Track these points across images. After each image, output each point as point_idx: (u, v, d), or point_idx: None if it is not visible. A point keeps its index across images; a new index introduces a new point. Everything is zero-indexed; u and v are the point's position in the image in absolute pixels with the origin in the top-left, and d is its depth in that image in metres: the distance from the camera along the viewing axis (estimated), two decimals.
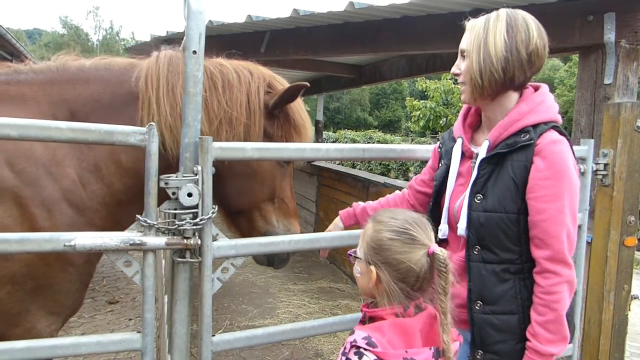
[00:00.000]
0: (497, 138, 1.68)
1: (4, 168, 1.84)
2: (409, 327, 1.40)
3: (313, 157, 2.01)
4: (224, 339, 1.87)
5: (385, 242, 1.43)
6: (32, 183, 1.87)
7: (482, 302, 1.67)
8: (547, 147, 1.60)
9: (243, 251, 1.85)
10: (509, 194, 1.63)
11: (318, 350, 4.47)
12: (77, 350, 1.70)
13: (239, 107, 2.10)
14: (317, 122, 9.12)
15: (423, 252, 1.41)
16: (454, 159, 1.82)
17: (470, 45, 1.68)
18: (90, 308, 5.26)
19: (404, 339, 1.38)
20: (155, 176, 1.67)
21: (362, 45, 4.57)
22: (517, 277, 1.65)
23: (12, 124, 1.55)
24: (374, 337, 1.34)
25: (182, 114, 1.78)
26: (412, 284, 1.42)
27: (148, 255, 1.69)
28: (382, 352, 1.32)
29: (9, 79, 2.04)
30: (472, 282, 1.68)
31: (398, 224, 1.46)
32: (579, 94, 3.55)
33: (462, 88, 1.76)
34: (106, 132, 1.66)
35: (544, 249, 1.58)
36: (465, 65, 1.71)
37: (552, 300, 1.56)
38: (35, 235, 1.62)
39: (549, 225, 1.57)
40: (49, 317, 1.99)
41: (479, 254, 1.68)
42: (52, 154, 1.93)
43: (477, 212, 1.67)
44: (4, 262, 1.83)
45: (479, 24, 1.69)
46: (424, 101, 21.33)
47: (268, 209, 2.24)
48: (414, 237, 1.43)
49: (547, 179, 1.58)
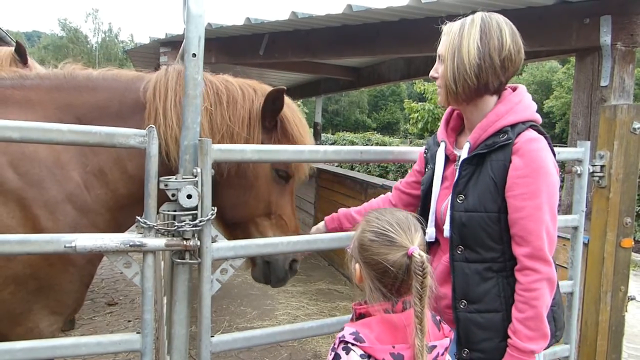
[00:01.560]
0: (477, 139, 1.71)
1: (7, 170, 1.87)
2: (397, 322, 1.42)
3: (311, 159, 2.03)
4: (223, 339, 1.88)
5: (366, 242, 1.47)
6: (35, 185, 1.89)
7: (467, 301, 1.69)
8: (524, 146, 1.62)
9: (242, 252, 1.87)
10: (489, 193, 1.65)
11: (316, 351, 4.48)
12: (77, 350, 1.71)
13: (241, 123, 2.13)
14: (316, 124, 9.14)
15: (401, 253, 1.41)
16: (438, 163, 1.84)
17: (445, 51, 1.71)
18: (89, 310, 5.26)
19: (392, 335, 1.41)
20: (155, 178, 1.69)
21: (360, 47, 4.59)
22: (500, 275, 1.67)
23: (14, 127, 1.57)
24: (362, 333, 1.37)
25: (182, 117, 1.79)
26: (389, 285, 1.43)
27: (148, 256, 1.70)
28: (369, 347, 1.35)
29: (14, 84, 2.07)
30: (456, 281, 1.71)
31: (379, 225, 1.47)
32: (575, 96, 3.58)
33: (438, 90, 1.80)
34: (107, 134, 1.68)
35: (524, 247, 1.60)
36: (442, 70, 1.74)
37: (532, 297, 1.58)
38: (37, 237, 1.63)
39: (528, 223, 1.59)
40: (51, 316, 2.01)
41: (462, 254, 1.70)
42: (56, 157, 1.95)
43: (459, 212, 1.69)
44: (6, 263, 1.85)
45: (455, 29, 1.71)
46: (422, 103, 21.36)
47: (264, 224, 2.24)
48: (393, 240, 1.43)
49: (524, 177, 1.60)
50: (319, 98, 9.28)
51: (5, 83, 2.07)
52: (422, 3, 3.37)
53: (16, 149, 1.89)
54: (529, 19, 3.34)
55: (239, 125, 2.12)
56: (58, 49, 71.10)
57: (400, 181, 2.19)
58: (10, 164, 1.89)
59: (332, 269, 6.95)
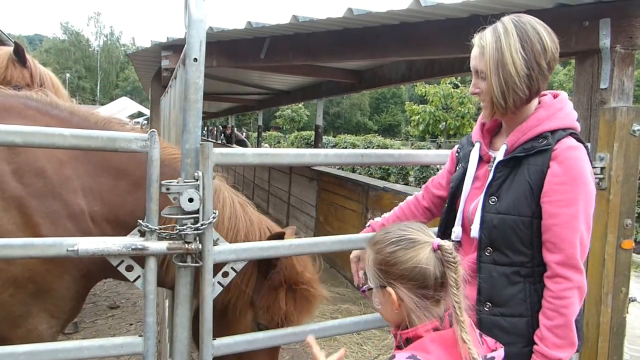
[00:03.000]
0: (515, 142, 1.70)
1: (11, 178, 1.93)
2: (449, 338, 1.31)
3: (312, 162, 2.04)
4: (225, 342, 1.89)
5: (389, 257, 1.37)
6: (39, 197, 1.97)
7: (491, 304, 1.68)
8: (564, 153, 1.60)
9: (244, 255, 1.88)
10: (523, 197, 1.64)
11: None
12: (80, 354, 1.72)
13: (243, 274, 2.12)
14: (317, 126, 9.15)
15: (429, 249, 1.35)
16: (471, 163, 1.84)
17: (487, 67, 1.66)
18: (92, 313, 5.27)
19: (449, 352, 1.29)
20: (157, 182, 1.70)
21: (361, 50, 4.60)
22: (527, 280, 1.66)
23: (17, 131, 1.59)
24: (419, 356, 1.25)
25: (184, 120, 1.80)
26: (432, 286, 1.34)
27: (150, 259, 1.72)
28: None
29: (42, 110, 2.16)
30: (482, 283, 1.69)
31: (393, 235, 1.41)
32: (575, 99, 3.58)
33: (482, 104, 1.76)
34: (109, 139, 1.69)
35: (556, 254, 1.58)
36: (485, 87, 1.70)
37: (562, 305, 1.56)
38: (39, 241, 1.65)
39: (562, 230, 1.57)
40: (50, 319, 2.05)
41: (490, 256, 1.69)
42: (63, 179, 2.03)
43: (491, 214, 1.68)
44: (6, 266, 1.89)
45: (490, 43, 1.65)
46: (423, 106, 21.41)
47: None
48: (414, 239, 1.37)
49: (562, 184, 1.59)
50: (320, 100, 9.29)
51: (31, 104, 2.17)
52: (422, 6, 3.38)
53: (24, 161, 1.96)
54: None
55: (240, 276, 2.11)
56: (60, 52, 71.32)
57: (431, 180, 2.17)
58: (14, 173, 1.94)
59: (334, 271, 6.95)
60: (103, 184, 2.12)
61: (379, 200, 6.04)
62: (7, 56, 3.63)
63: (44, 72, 3.87)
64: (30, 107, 2.14)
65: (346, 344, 4.75)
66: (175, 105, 3.00)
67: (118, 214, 2.09)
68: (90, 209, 2.08)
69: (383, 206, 5.91)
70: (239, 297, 2.14)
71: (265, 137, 31.98)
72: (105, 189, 2.12)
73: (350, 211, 6.82)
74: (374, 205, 6.15)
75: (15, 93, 2.30)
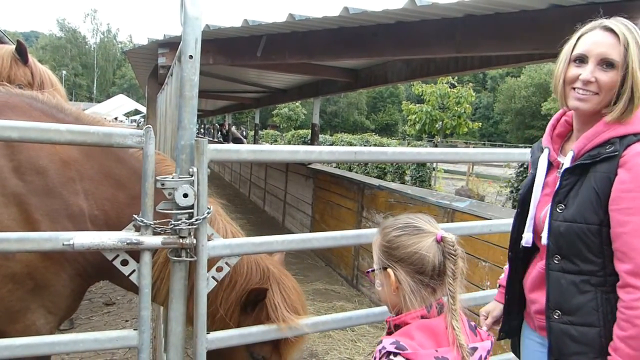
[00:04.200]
0: (581, 149, 1.66)
1: (12, 175, 1.96)
2: (435, 326, 1.40)
3: (306, 159, 2.06)
4: (219, 336, 1.91)
5: (394, 240, 1.45)
6: (40, 195, 2.00)
7: (561, 312, 1.65)
8: (632, 159, 1.55)
9: (237, 250, 1.90)
10: (590, 205, 1.60)
11: (312, 350, 4.51)
12: (76, 347, 1.75)
13: (227, 307, 2.17)
14: (313, 125, 9.18)
15: (432, 239, 1.42)
16: (539, 169, 1.80)
17: (630, 60, 1.58)
18: (87, 309, 5.28)
19: (433, 340, 1.38)
20: (152, 177, 1.72)
21: (357, 49, 4.63)
22: (599, 289, 1.60)
23: (13, 126, 1.60)
24: (402, 342, 1.34)
25: (179, 117, 1.82)
26: (429, 273, 1.41)
27: (144, 254, 1.74)
28: (412, 354, 1.31)
29: (47, 112, 2.18)
30: (551, 290, 1.67)
31: (401, 221, 1.49)
32: None
33: (585, 96, 1.65)
34: (104, 134, 1.71)
35: (626, 263, 1.53)
36: (609, 78, 1.61)
37: (634, 315, 1.50)
38: (35, 235, 1.67)
39: (632, 239, 1.52)
40: (48, 315, 2.08)
41: (558, 264, 1.66)
42: (65, 180, 2.06)
43: (558, 221, 1.65)
44: (5, 262, 1.91)
45: (629, 36, 1.60)
46: (420, 105, 21.44)
47: None
48: (419, 227, 1.45)
49: (630, 192, 1.54)
50: (317, 99, 9.32)
51: (37, 105, 2.20)
52: (417, 6, 3.40)
53: (26, 159, 2.00)
54: (523, 21, 3.37)
55: (224, 308, 2.15)
56: (56, 49, 71.04)
57: None
58: (15, 170, 1.97)
59: (329, 269, 6.98)
60: (104, 192, 2.15)
61: (374, 198, 6.07)
62: (10, 54, 3.63)
63: (43, 71, 3.87)
64: (35, 108, 2.16)
65: (340, 341, 4.77)
66: (171, 102, 3.02)
67: (116, 223, 2.09)
68: (91, 213, 2.11)
69: (378, 205, 5.94)
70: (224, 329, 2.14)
71: (262, 136, 31.95)
72: (105, 197, 2.15)
73: (346, 209, 6.84)
74: (369, 203, 6.18)
75: (21, 92, 2.31)
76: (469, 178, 19.91)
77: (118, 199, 2.14)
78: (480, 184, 18.64)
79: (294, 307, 2.19)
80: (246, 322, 2.16)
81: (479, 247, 4.25)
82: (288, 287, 2.24)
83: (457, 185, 19.23)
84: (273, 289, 2.17)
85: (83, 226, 2.06)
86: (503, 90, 63.76)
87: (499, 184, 16.41)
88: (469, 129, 21.79)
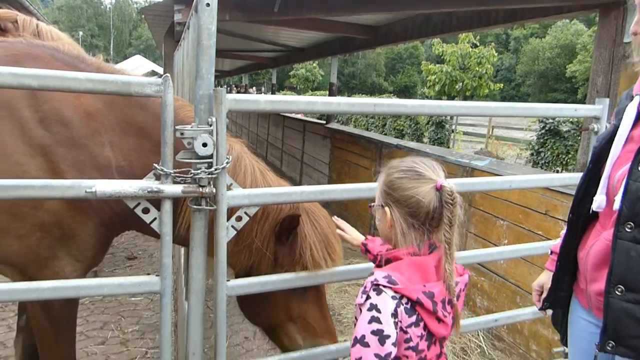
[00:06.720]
0: None
1: (38, 126, 1.99)
2: (424, 263, 1.48)
3: (324, 110, 2.04)
4: (238, 283, 1.95)
5: (395, 181, 1.51)
6: (65, 146, 2.03)
7: (624, 288, 1.42)
8: None
9: (256, 201, 1.91)
10: None
11: (329, 305, 4.59)
12: (100, 291, 1.80)
13: (262, 237, 2.19)
14: (331, 84, 9.06)
15: (431, 186, 1.46)
16: (625, 120, 1.54)
17: None
18: (110, 263, 5.45)
19: (421, 275, 1.46)
20: (172, 126, 1.72)
21: (376, 3, 4.50)
22: None
23: (33, 75, 1.60)
24: (393, 276, 1.41)
25: (197, 67, 1.81)
26: (422, 219, 1.47)
27: (165, 202, 1.76)
28: (403, 289, 1.40)
29: (69, 62, 2.18)
30: (616, 263, 1.44)
31: (405, 164, 1.53)
32: (596, 53, 3.50)
33: None
34: (123, 83, 1.70)
35: None
36: None
37: None
38: (58, 182, 1.69)
39: None
40: (75, 263, 2.14)
41: (631, 232, 1.42)
42: (90, 132, 2.09)
43: (638, 183, 1.40)
44: (34, 211, 1.98)
45: None
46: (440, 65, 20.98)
47: (289, 328, 2.30)
48: (421, 173, 1.49)
49: None
50: (335, 58, 9.17)
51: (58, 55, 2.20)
52: None
53: (50, 110, 2.02)
54: None
55: (260, 240, 2.18)
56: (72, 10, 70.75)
57: None
58: (40, 121, 2.01)
59: None
60: (129, 141, 2.17)
61: (392, 157, 6.00)
62: None
63: None
64: (57, 59, 2.16)
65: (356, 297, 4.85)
66: (188, 55, 3.00)
67: (144, 172, 2.12)
68: (118, 164, 2.14)
69: None
70: (261, 261, 2.21)
71: None
72: (131, 147, 2.17)
73: (363, 169, 6.83)
74: (387, 162, 6.15)
75: (42, 43, 2.31)
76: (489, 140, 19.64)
77: (144, 148, 2.16)
78: (500, 146, 18.40)
79: (324, 234, 2.23)
80: (282, 252, 2.21)
81: (497, 205, 4.23)
82: (318, 216, 2.27)
83: (476, 147, 19.00)
84: (303, 219, 2.19)
85: (110, 177, 2.09)
86: (526, 51, 61.96)
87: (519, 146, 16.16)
88: (489, 91, 21.31)
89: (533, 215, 3.81)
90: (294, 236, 2.19)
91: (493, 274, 4.23)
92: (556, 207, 3.56)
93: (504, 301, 4.07)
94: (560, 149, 11.20)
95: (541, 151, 11.76)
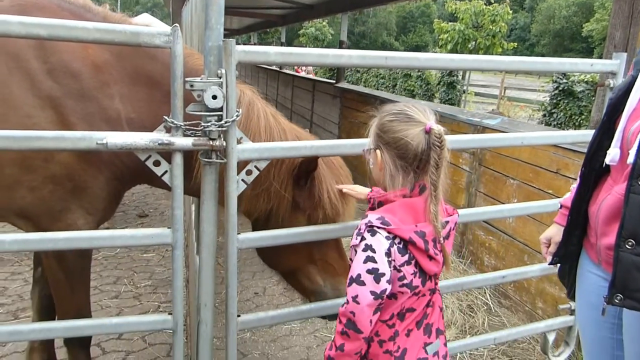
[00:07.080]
0: None
1: (47, 78, 1.99)
2: (415, 204, 1.54)
3: (335, 63, 2.00)
4: (249, 237, 1.97)
5: (386, 124, 1.56)
6: (74, 98, 2.02)
7: (635, 242, 1.41)
8: None
9: (266, 155, 1.91)
10: None
11: None
12: (113, 242, 1.83)
13: (280, 180, 2.18)
14: (341, 42, 8.87)
15: (420, 129, 1.50)
16: None
17: None
18: (122, 221, 5.53)
19: (413, 216, 1.53)
20: (181, 78, 1.71)
21: None
22: None
23: (41, 24, 1.58)
24: (387, 217, 1.48)
25: (206, 18, 1.77)
26: (410, 160, 1.51)
27: (176, 155, 1.76)
28: (397, 229, 1.47)
29: (75, 12, 2.16)
30: (627, 216, 1.42)
31: (396, 108, 1.58)
32: (615, 7, 3.38)
33: None
34: (132, 33, 1.68)
35: None
36: None
37: None
38: (70, 134, 1.70)
39: None
40: (87, 216, 2.17)
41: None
42: (99, 84, 2.07)
43: None
44: (45, 164, 1.99)
45: None
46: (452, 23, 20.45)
47: (310, 270, 2.31)
48: (410, 116, 1.53)
49: None
50: (345, 15, 8.94)
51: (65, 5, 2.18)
52: None
53: (59, 61, 2.00)
54: None
55: (278, 182, 2.17)
56: None
57: None
58: (49, 73, 2.00)
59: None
60: (139, 92, 2.16)
61: None
62: None
63: None
64: (64, 9, 2.15)
65: None
66: (196, 9, 2.94)
67: (154, 123, 2.12)
68: (127, 116, 2.13)
69: None
70: (280, 205, 2.22)
71: None
72: (141, 98, 2.16)
73: None
74: None
75: None
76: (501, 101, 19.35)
77: (154, 98, 2.15)
78: (512, 107, 18.14)
79: (338, 176, 2.27)
80: (302, 196, 2.22)
81: (508, 164, 4.20)
82: (330, 160, 2.30)
83: (488, 108, 18.74)
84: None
85: (119, 130, 2.09)
86: (542, 10, 60.13)
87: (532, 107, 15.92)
88: (502, 50, 20.83)
89: (544, 174, 3.78)
90: (312, 179, 2.20)
91: (502, 233, 4.25)
92: (567, 165, 3.53)
93: (512, 260, 4.10)
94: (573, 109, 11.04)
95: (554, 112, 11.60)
